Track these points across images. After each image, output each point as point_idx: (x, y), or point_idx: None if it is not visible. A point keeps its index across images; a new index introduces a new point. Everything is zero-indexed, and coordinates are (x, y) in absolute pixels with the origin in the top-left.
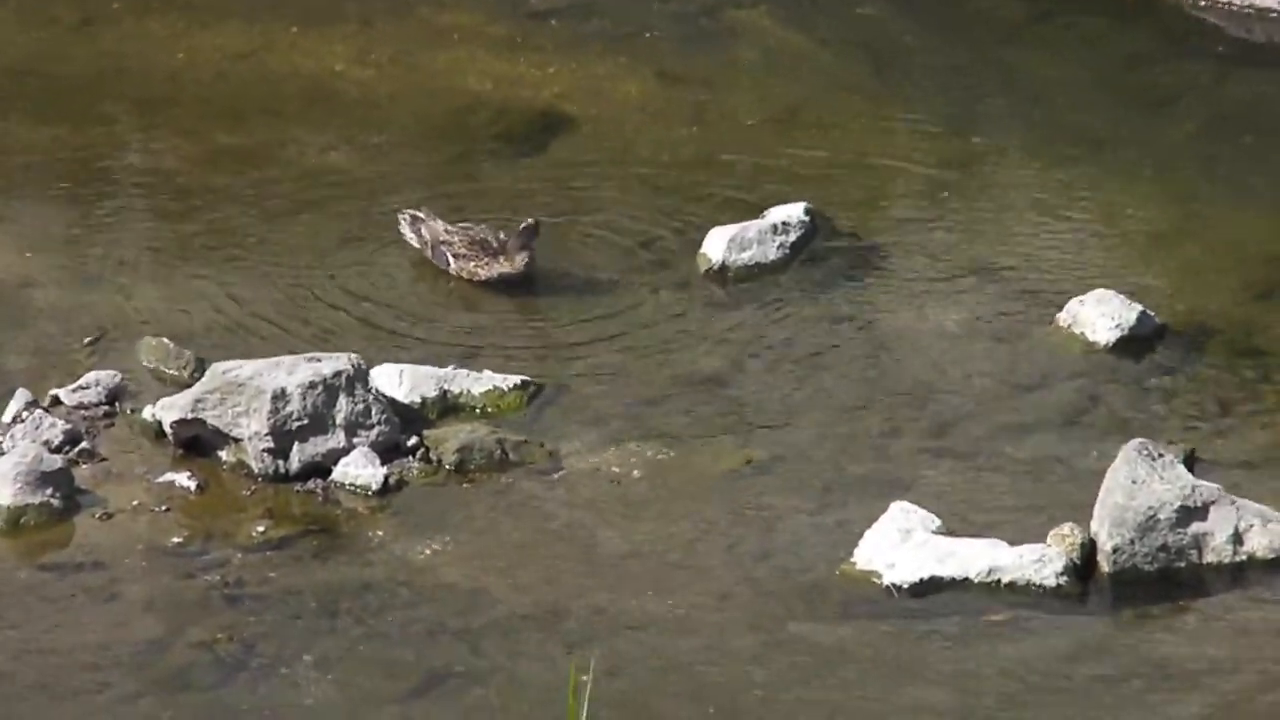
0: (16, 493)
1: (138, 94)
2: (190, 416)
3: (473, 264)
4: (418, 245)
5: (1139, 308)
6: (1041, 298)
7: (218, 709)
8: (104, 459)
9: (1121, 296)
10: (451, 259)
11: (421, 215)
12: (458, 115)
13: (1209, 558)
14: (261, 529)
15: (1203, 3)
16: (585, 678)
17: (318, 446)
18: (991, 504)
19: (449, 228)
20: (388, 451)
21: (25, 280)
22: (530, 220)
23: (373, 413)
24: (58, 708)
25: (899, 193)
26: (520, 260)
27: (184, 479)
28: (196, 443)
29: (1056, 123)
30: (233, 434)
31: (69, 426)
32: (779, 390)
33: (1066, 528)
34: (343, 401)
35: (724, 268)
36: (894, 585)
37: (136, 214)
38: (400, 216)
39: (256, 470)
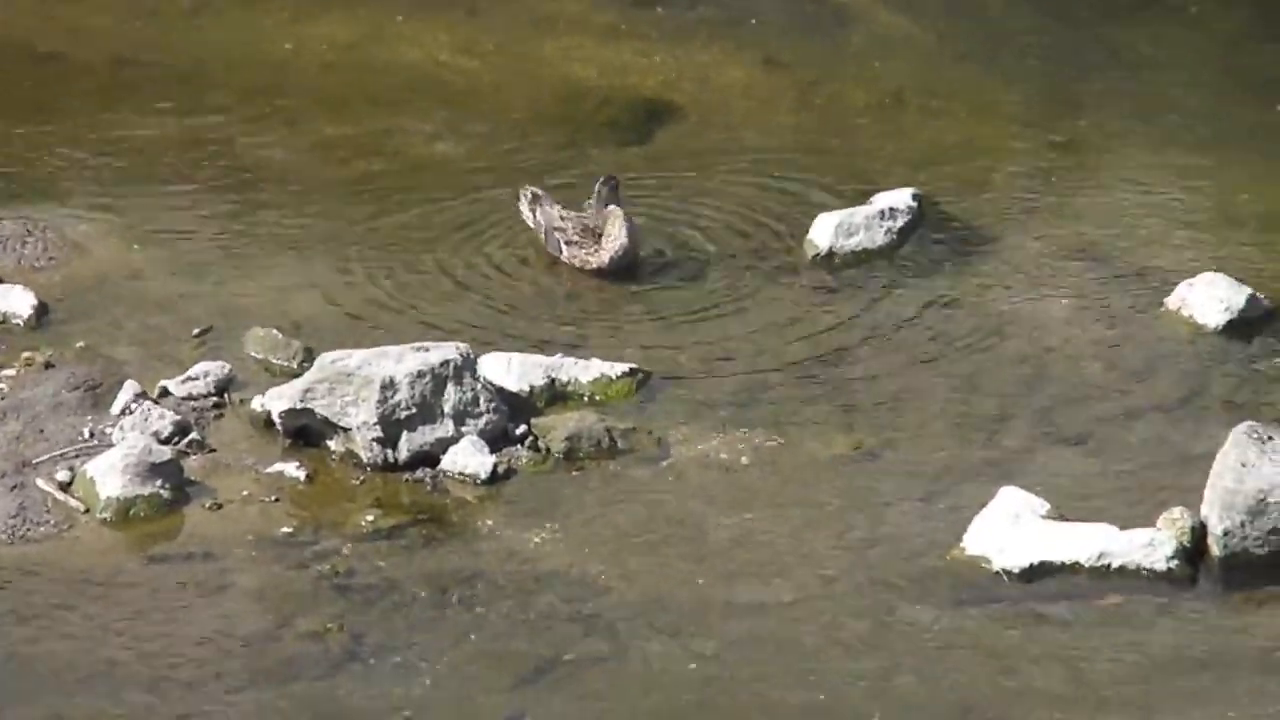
0: (126, 484)
1: (244, 85)
2: (299, 406)
3: (584, 252)
4: (533, 226)
5: (1248, 291)
6: (1150, 281)
7: (328, 698)
8: (213, 450)
9: (1230, 279)
10: (564, 246)
11: (541, 195)
12: (563, 104)
13: None
14: (370, 518)
15: None
16: (693, 666)
17: (426, 435)
18: (1101, 488)
19: (564, 214)
20: (496, 440)
21: (133, 272)
22: (603, 177)
23: (481, 401)
24: (169, 698)
25: (1006, 176)
26: (616, 225)
27: (293, 469)
28: (305, 432)
29: (1163, 104)
30: (341, 424)
31: (178, 418)
32: (887, 376)
33: (1176, 512)
34: (451, 390)
35: (831, 254)
36: (1004, 570)
37: (243, 205)
38: (521, 193)
39: (365, 460)
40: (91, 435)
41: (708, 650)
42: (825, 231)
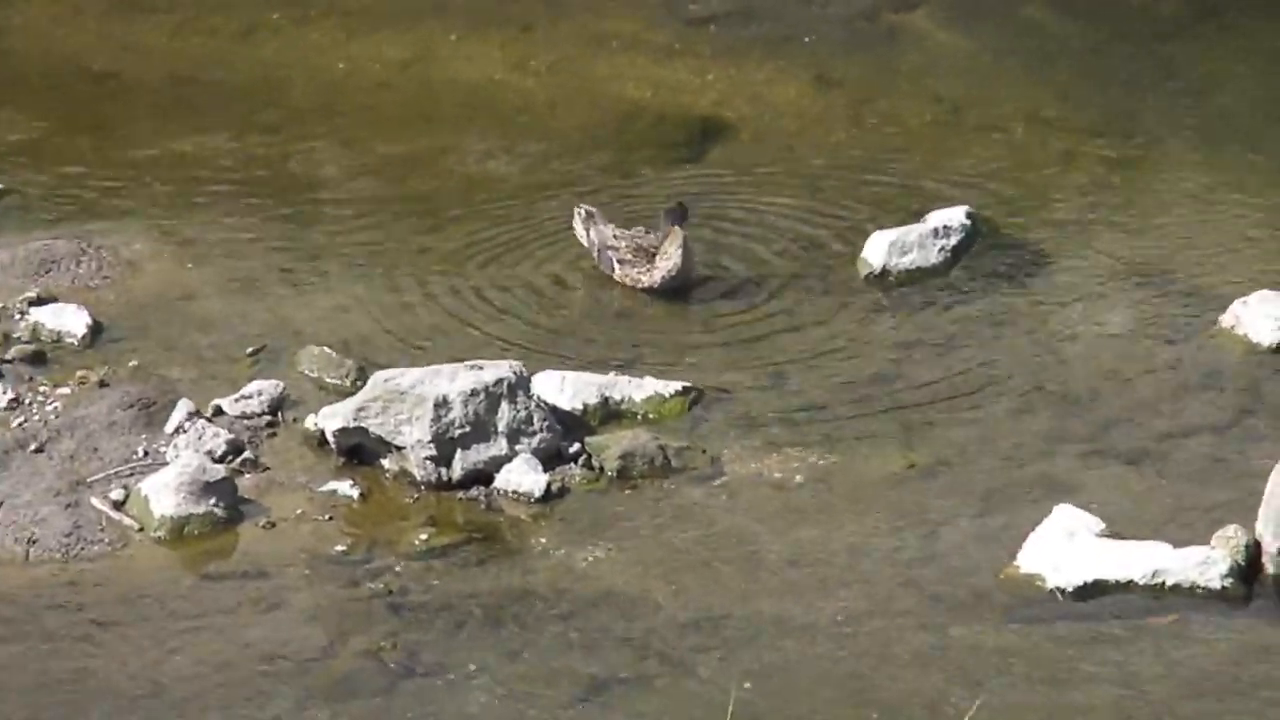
0: (180, 503)
1: (298, 103)
2: (352, 425)
3: (636, 270)
4: (585, 244)
5: None
6: (1204, 299)
7: (382, 717)
8: (267, 468)
9: None
10: (616, 264)
11: (595, 213)
12: (617, 122)
13: None
14: (424, 537)
15: None
16: (747, 685)
17: (480, 454)
18: (1156, 506)
19: (617, 232)
20: (550, 458)
21: (186, 291)
22: (673, 203)
23: (534, 420)
24: (223, 717)
25: (1060, 194)
26: (674, 245)
27: (346, 487)
28: (359, 451)
29: (1218, 121)
30: (395, 442)
31: (232, 436)
32: (941, 394)
33: (1231, 529)
34: (504, 409)
35: (885, 272)
36: (1058, 588)
37: (297, 223)
38: (576, 210)
39: (419, 478)
40: (145, 454)
41: (761, 669)
42: (879, 250)
